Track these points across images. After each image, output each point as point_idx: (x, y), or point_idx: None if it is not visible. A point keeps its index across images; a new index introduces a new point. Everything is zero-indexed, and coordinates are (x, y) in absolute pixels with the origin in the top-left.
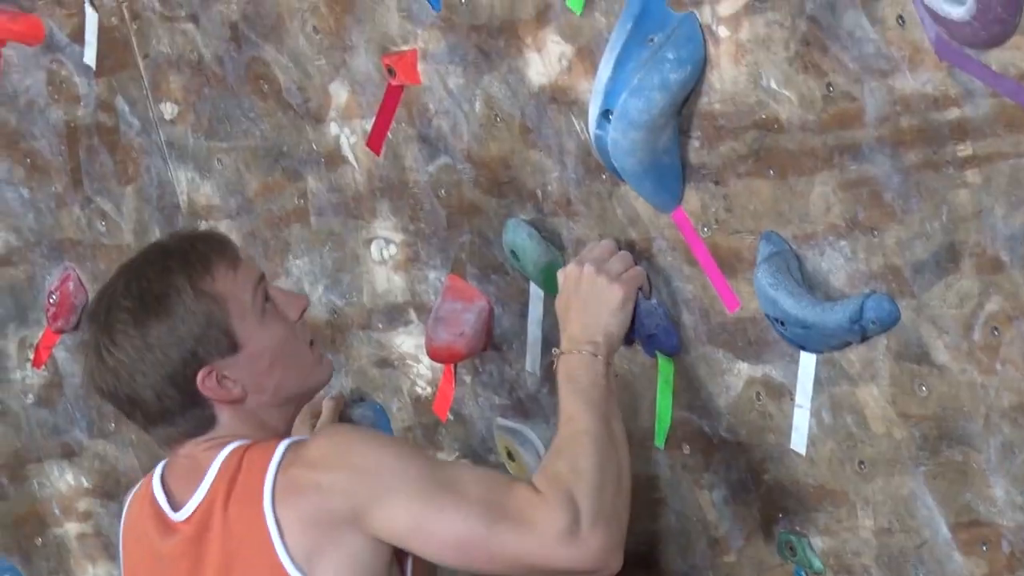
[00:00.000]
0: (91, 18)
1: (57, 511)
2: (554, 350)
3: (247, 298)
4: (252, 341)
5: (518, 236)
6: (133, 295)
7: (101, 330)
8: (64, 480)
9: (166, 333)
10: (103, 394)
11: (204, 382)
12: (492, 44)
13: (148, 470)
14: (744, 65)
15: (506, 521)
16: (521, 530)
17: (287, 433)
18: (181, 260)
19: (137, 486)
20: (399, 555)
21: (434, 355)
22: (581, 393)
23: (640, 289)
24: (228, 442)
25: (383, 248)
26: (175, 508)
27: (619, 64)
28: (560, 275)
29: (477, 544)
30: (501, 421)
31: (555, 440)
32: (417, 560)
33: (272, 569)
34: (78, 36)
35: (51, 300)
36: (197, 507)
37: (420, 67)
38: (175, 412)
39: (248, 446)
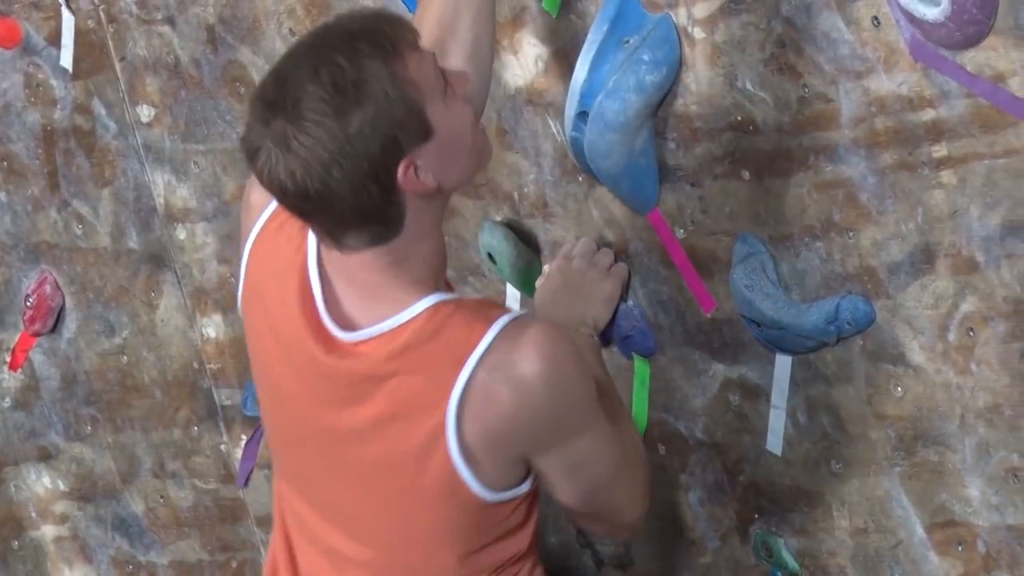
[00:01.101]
0: (68, 21)
1: (34, 514)
2: None
3: (433, 79)
4: (442, 125)
5: (494, 238)
6: (325, 83)
7: (289, 122)
8: (41, 483)
9: (369, 123)
10: (284, 193)
11: (405, 174)
12: None
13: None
14: (720, 67)
15: (633, 474)
16: (636, 491)
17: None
18: (371, 43)
19: (265, 219)
20: None
21: None
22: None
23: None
24: (424, 291)
25: None
26: (340, 319)
27: (595, 66)
28: (546, 268)
29: (605, 490)
30: None
31: None
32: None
33: (440, 457)
34: (55, 39)
35: (28, 303)
36: (377, 339)
37: None
38: (370, 211)
39: (453, 312)
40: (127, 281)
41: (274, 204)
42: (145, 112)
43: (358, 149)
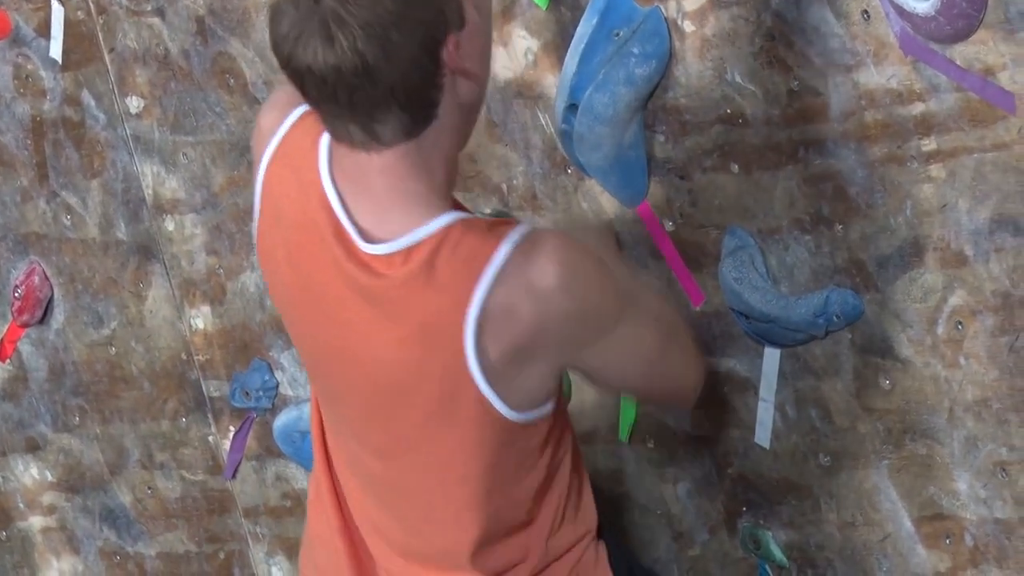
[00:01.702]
0: (57, 12)
1: (22, 505)
2: None
3: None
4: (471, 18)
5: None
6: None
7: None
8: (29, 474)
9: None
10: (339, 71)
11: (451, 51)
12: None
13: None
14: (709, 60)
15: (679, 341)
16: (687, 355)
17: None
18: None
19: (277, 142)
20: None
21: None
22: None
23: None
24: (440, 207)
25: None
26: (359, 230)
27: (584, 58)
28: None
29: (658, 366)
30: None
31: None
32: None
33: (463, 379)
34: (44, 30)
35: (16, 294)
36: (397, 255)
37: None
38: (416, 88)
39: (466, 231)
40: (116, 272)
41: (286, 126)
42: (134, 103)
43: (414, 14)
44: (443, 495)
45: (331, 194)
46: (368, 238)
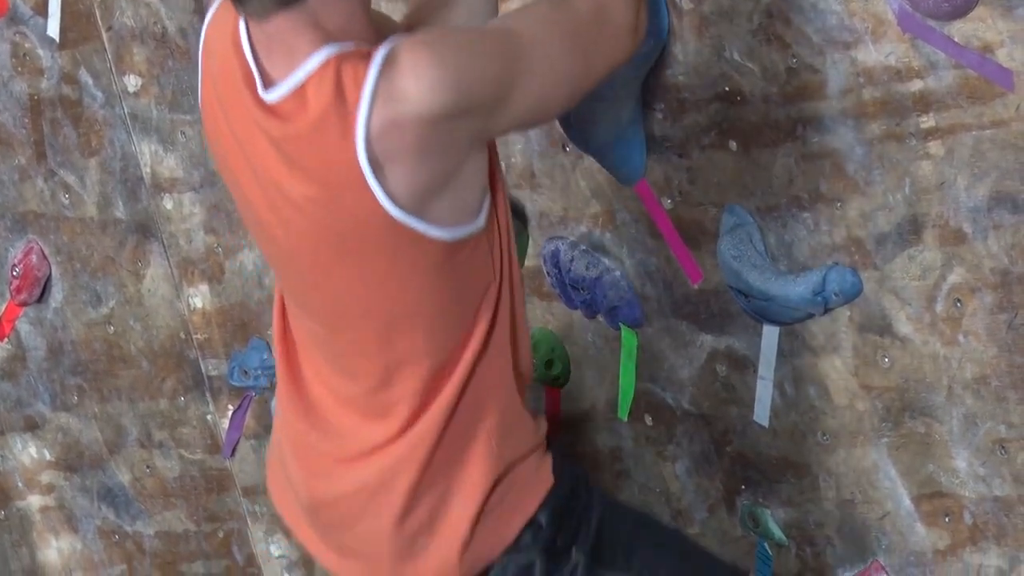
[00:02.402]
0: None
1: (20, 484)
2: None
3: None
4: None
5: None
6: None
7: None
8: (27, 453)
9: None
10: None
11: None
12: None
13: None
14: (708, 37)
15: (596, 44)
16: (609, 47)
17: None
18: None
19: (213, 15)
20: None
21: None
22: None
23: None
24: (323, 40)
25: None
26: (264, 74)
27: None
28: None
29: (582, 81)
30: None
31: None
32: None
33: (378, 214)
34: (42, 8)
35: (14, 273)
36: (288, 99)
37: None
38: None
39: (341, 61)
40: (114, 251)
41: None
42: (132, 82)
43: None
44: (391, 342)
45: (244, 40)
46: (268, 83)
